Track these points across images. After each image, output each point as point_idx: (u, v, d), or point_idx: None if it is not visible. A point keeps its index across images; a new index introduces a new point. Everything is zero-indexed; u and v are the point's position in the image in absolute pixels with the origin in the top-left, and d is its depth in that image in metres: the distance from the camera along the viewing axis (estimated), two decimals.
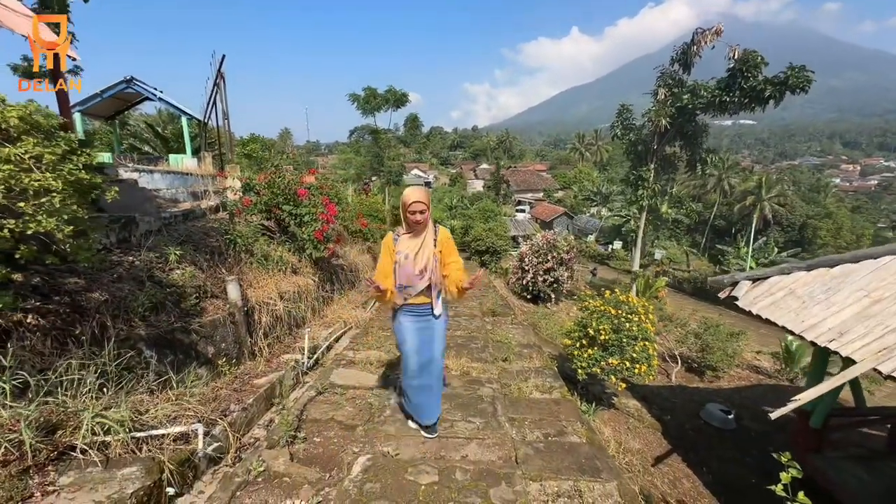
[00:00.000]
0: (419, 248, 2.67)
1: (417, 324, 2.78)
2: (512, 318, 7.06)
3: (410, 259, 2.65)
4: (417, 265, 2.66)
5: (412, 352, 2.78)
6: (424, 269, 2.67)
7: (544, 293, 11.78)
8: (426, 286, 2.70)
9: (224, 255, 4.48)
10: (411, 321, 2.78)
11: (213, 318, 3.60)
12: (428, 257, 2.68)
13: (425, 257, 2.67)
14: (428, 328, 2.78)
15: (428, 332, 2.78)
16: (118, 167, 6.85)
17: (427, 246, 2.69)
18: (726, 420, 5.68)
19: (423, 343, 2.78)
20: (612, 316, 4.42)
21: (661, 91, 12.06)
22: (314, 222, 5.75)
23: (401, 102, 27.71)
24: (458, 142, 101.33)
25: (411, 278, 2.66)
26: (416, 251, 2.66)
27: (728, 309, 21.59)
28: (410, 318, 2.78)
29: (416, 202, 2.58)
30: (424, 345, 2.78)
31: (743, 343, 8.95)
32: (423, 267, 2.66)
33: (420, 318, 2.77)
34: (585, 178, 54.67)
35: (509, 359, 4.64)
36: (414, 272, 2.65)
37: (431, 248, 2.70)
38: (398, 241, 2.71)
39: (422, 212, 2.60)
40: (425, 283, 2.69)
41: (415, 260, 2.66)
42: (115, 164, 7.26)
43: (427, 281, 2.69)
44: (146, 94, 12.16)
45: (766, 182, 42.08)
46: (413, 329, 2.77)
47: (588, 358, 4.45)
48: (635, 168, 12.94)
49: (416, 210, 2.59)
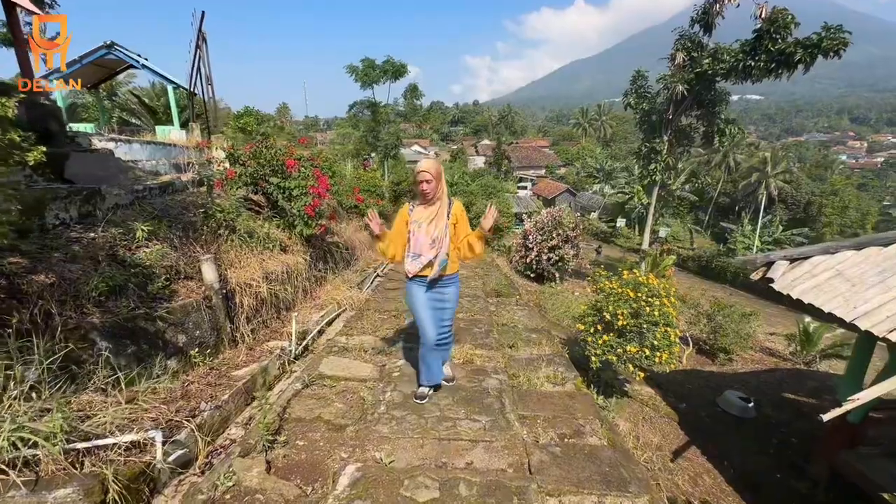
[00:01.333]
0: (433, 218, 2.73)
1: (428, 293, 2.83)
2: (517, 299, 6.67)
3: (423, 227, 2.72)
4: (430, 234, 2.71)
5: (428, 325, 2.82)
6: (437, 240, 2.71)
7: (548, 272, 11.37)
8: (434, 256, 2.72)
9: (201, 232, 4.04)
10: (423, 291, 2.83)
11: (184, 303, 3.19)
12: (441, 228, 2.72)
13: (438, 228, 2.72)
14: (440, 299, 2.86)
15: (440, 303, 2.86)
16: (92, 136, 6.35)
17: (441, 217, 2.74)
18: (745, 408, 5.35)
19: (436, 313, 2.86)
20: (631, 299, 4.02)
21: (679, 55, 11.16)
22: (304, 196, 5.28)
23: (399, 74, 26.63)
24: (458, 117, 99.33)
25: (422, 247, 2.72)
26: (430, 220, 2.73)
27: (735, 288, 21.28)
28: (422, 288, 2.83)
29: (422, 171, 2.65)
30: (437, 315, 2.86)
31: (755, 324, 8.59)
32: (434, 236, 2.71)
33: (430, 288, 2.83)
34: (588, 154, 53.64)
35: (516, 345, 4.25)
36: (426, 241, 2.71)
37: (445, 219, 2.75)
38: (413, 211, 2.80)
39: (427, 181, 2.65)
40: (434, 253, 2.72)
41: (427, 228, 2.72)
42: (90, 132, 6.75)
43: (436, 251, 2.72)
44: (128, 60, 11.47)
45: (773, 158, 41.14)
46: (426, 301, 2.83)
47: (603, 345, 4.06)
48: (648, 140, 12.16)
49: (421, 179, 2.66)
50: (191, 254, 3.74)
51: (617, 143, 65.05)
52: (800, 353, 7.96)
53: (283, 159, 5.39)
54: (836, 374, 6.69)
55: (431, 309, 2.84)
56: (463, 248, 2.82)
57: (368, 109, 27.69)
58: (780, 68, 9.64)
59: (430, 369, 2.99)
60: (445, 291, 2.87)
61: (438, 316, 2.87)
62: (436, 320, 2.85)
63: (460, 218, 2.83)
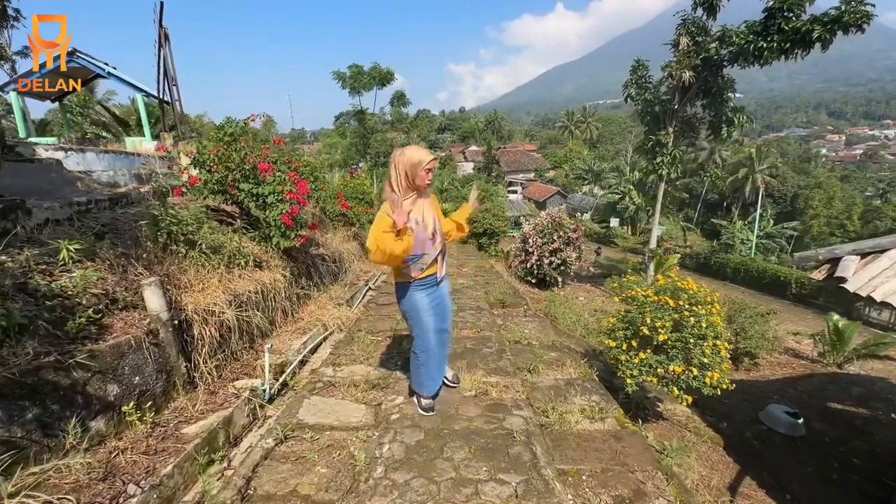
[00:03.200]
0: (424, 211, 2.46)
1: (431, 296, 2.60)
2: (525, 309, 6.01)
3: (421, 223, 2.43)
4: (428, 229, 2.46)
5: (433, 330, 2.62)
6: (435, 232, 2.49)
7: (551, 277, 10.75)
8: (438, 251, 2.54)
9: (149, 250, 3.32)
10: (426, 295, 2.58)
11: (118, 342, 2.46)
12: (435, 219, 2.51)
13: (432, 219, 2.49)
14: (439, 297, 2.66)
15: (441, 303, 2.67)
16: (37, 146, 5.60)
17: (428, 207, 2.50)
18: (794, 425, 4.73)
19: (438, 317, 2.66)
20: (671, 308, 3.39)
21: (682, 40, 10.53)
22: (281, 204, 4.58)
23: (386, 81, 26.15)
24: (445, 124, 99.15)
25: (425, 244, 2.45)
26: (422, 214, 2.45)
27: (736, 284, 20.89)
28: (424, 292, 2.57)
29: (433, 159, 2.41)
30: (440, 319, 2.68)
31: (774, 324, 8.03)
32: (433, 230, 2.48)
33: (432, 290, 2.60)
34: (576, 156, 53.67)
35: (536, 368, 3.58)
36: (427, 237, 2.45)
37: (431, 208, 2.52)
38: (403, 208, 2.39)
39: (431, 170, 2.42)
40: (438, 247, 2.53)
41: (424, 223, 2.44)
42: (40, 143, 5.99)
43: (439, 245, 2.53)
44: (93, 69, 10.69)
45: (758, 154, 41.31)
46: (429, 305, 2.59)
47: (640, 364, 3.42)
48: (652, 132, 11.57)
49: (429, 168, 2.39)
50: (135, 277, 3.01)
51: (604, 144, 65.24)
52: (830, 354, 7.40)
53: (255, 162, 4.70)
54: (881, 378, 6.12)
55: (434, 314, 2.62)
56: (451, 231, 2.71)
57: (355, 118, 27.12)
58: (795, 48, 9.07)
59: (434, 379, 2.79)
60: (444, 288, 2.71)
61: (441, 318, 2.68)
62: (439, 324, 2.66)
63: (437, 205, 2.64)
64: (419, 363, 2.71)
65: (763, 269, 20.65)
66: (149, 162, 6.43)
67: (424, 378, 2.75)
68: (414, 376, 2.83)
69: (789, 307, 14.60)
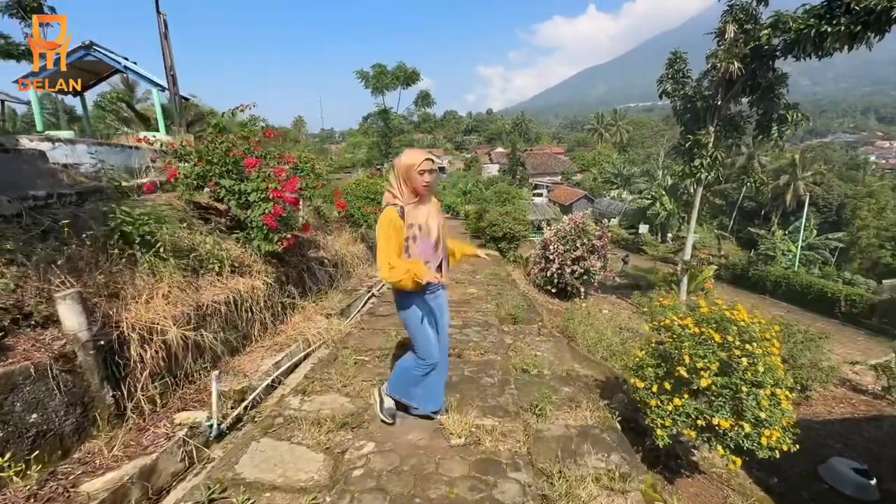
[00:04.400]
0: (428, 217, 2.32)
1: (432, 304, 2.47)
2: (539, 326, 5.36)
3: (425, 230, 2.30)
4: (432, 236, 2.33)
5: (435, 343, 2.47)
6: (439, 240, 2.37)
7: (573, 286, 9.99)
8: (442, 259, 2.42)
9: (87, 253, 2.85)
10: (427, 303, 2.44)
11: (7, 371, 1.98)
12: (439, 225, 2.38)
13: (437, 226, 2.36)
14: (439, 306, 2.53)
15: (440, 311, 2.55)
16: (22, 137, 5.32)
17: (433, 212, 2.37)
18: (865, 486, 3.88)
19: (440, 325, 2.54)
20: (717, 345, 2.69)
21: (729, 28, 9.45)
22: (265, 203, 4.08)
23: (411, 80, 25.87)
24: (472, 126, 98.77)
25: (429, 252, 2.33)
26: (426, 220, 2.32)
27: (776, 299, 19.44)
28: (426, 299, 2.43)
29: (428, 159, 2.25)
30: (441, 326, 2.56)
31: (827, 350, 7.04)
32: (437, 236, 2.35)
33: (433, 298, 2.48)
34: (605, 159, 52.15)
35: (544, 411, 2.94)
36: (430, 244, 2.33)
37: (436, 214, 2.39)
38: (407, 215, 2.28)
39: (432, 171, 2.27)
40: (440, 256, 2.41)
41: (428, 230, 2.31)
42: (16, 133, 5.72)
43: (441, 253, 2.41)
44: (110, 63, 10.63)
45: (802, 160, 38.92)
46: (430, 312, 2.45)
47: (674, 412, 2.73)
48: (690, 132, 10.51)
49: (427, 169, 2.24)
50: (58, 287, 2.54)
51: (634, 147, 63.33)
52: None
53: (238, 155, 4.23)
54: None
55: (434, 323, 2.47)
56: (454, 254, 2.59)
57: (380, 117, 26.92)
58: (867, 31, 7.78)
59: (438, 395, 2.65)
60: (442, 296, 2.58)
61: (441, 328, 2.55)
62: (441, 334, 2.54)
63: (440, 211, 2.48)
64: (416, 376, 2.53)
65: (808, 283, 19.07)
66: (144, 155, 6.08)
67: (426, 392, 2.60)
68: (403, 388, 2.62)
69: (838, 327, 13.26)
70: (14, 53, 17.22)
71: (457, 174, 50.98)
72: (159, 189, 4.96)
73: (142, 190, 4.91)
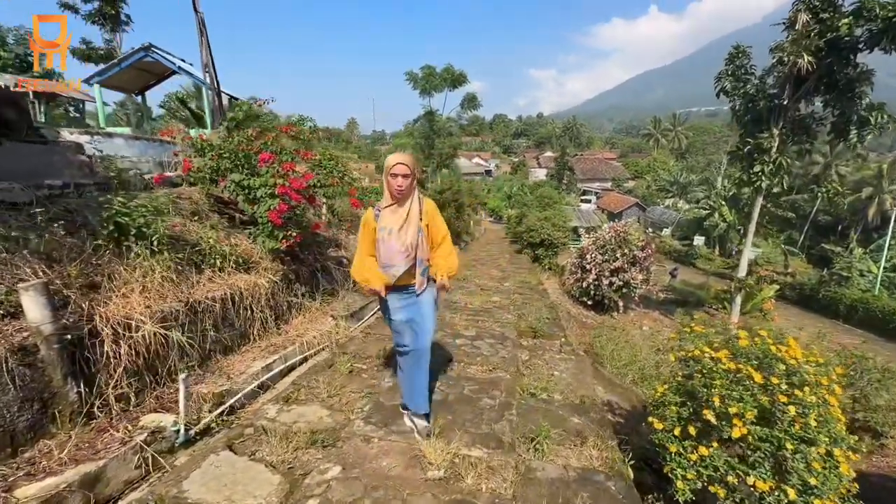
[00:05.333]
0: (403, 222, 2.33)
1: (404, 308, 2.45)
2: (561, 343, 4.90)
3: (394, 234, 2.32)
4: (402, 241, 2.32)
5: (403, 326, 2.44)
6: (410, 246, 2.33)
7: (610, 299, 9.34)
8: (411, 266, 2.37)
9: (70, 243, 2.81)
10: (400, 306, 2.44)
11: None
12: (413, 232, 2.34)
13: (410, 232, 2.33)
14: (416, 308, 2.46)
15: (418, 313, 2.45)
16: (63, 129, 5.60)
17: (412, 219, 2.34)
18: None
19: (408, 333, 2.46)
20: (756, 385, 2.20)
21: (801, 17, 8.23)
22: (271, 199, 3.98)
23: (458, 82, 25.87)
24: (521, 129, 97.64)
25: (394, 256, 2.33)
26: (401, 225, 2.32)
27: (851, 325, 17.39)
28: (398, 301, 2.44)
29: (398, 164, 2.25)
30: (412, 335, 2.46)
31: None
32: (409, 243, 2.33)
33: (407, 300, 2.45)
34: (661, 166, 49.52)
35: (541, 447, 2.55)
36: (399, 248, 2.32)
37: (417, 221, 2.36)
38: (380, 217, 2.35)
39: (405, 176, 2.26)
40: (410, 261, 2.36)
41: (398, 235, 2.32)
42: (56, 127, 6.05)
43: (412, 259, 2.36)
44: (166, 63, 11.25)
45: (889, 171, 34.78)
46: (400, 314, 2.44)
47: (700, 463, 2.27)
48: (750, 135, 9.38)
49: (398, 173, 2.24)
50: (32, 277, 2.49)
51: (693, 154, 59.71)
52: None
53: (250, 150, 4.16)
54: None
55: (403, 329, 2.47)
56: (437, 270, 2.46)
57: (425, 118, 27.08)
58: None
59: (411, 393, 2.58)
60: (420, 300, 2.47)
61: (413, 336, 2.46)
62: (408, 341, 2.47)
63: (433, 217, 2.46)
64: (400, 369, 2.61)
65: (891, 309, 16.83)
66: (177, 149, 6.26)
67: (404, 388, 2.64)
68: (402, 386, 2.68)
69: None
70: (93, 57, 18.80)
71: (502, 178, 50.40)
72: (184, 183, 5.05)
73: (169, 181, 5.01)
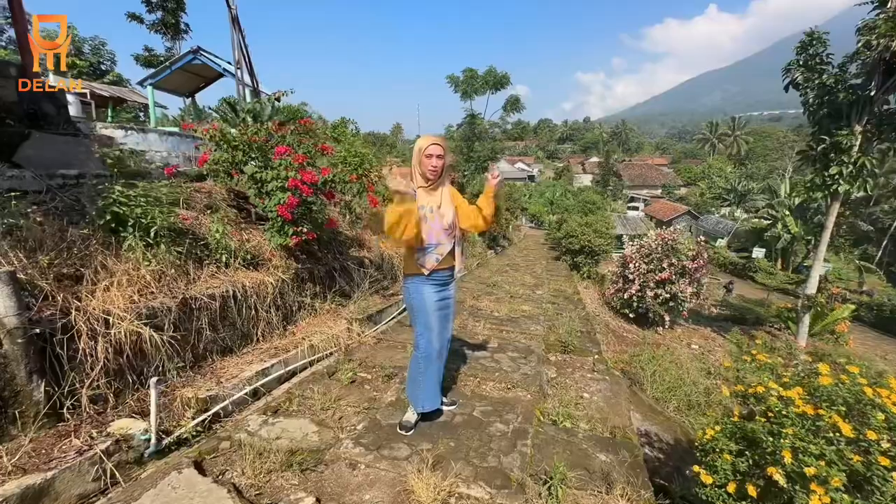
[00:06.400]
0: (440, 202, 2.36)
1: (440, 294, 2.43)
2: (595, 361, 4.38)
3: (436, 213, 2.32)
4: (444, 219, 2.34)
5: (437, 332, 2.43)
6: (451, 225, 2.37)
7: (655, 313, 8.56)
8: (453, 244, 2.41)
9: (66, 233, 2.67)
10: (436, 292, 2.41)
11: None
12: (451, 212, 2.38)
13: (449, 211, 2.37)
14: (446, 298, 2.48)
15: (446, 305, 2.49)
16: (98, 123, 5.74)
17: (447, 199, 2.39)
18: None
19: (442, 322, 2.47)
20: (846, 440, 1.67)
21: None
22: (281, 192, 3.77)
23: (501, 85, 25.38)
24: (567, 134, 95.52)
25: (440, 234, 2.34)
26: (439, 204, 2.35)
27: None
28: (435, 288, 2.41)
29: (433, 144, 2.29)
30: (445, 322, 2.50)
31: None
32: (450, 222, 2.36)
33: (442, 288, 2.45)
34: (716, 173, 46.47)
35: (556, 491, 2.11)
36: (443, 226, 2.34)
37: (451, 201, 2.40)
38: (416, 197, 2.23)
39: (439, 156, 2.29)
40: (452, 239, 2.40)
41: (439, 213, 2.33)
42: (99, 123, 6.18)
43: (453, 238, 2.41)
44: (212, 66, 11.65)
45: None
46: (436, 305, 2.41)
47: None
48: (826, 132, 8.29)
49: (433, 153, 2.28)
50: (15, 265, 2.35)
51: (754, 161, 55.78)
52: None
53: (263, 141, 3.98)
54: None
55: (439, 317, 2.44)
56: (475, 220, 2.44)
57: (467, 121, 26.84)
58: None
59: (429, 393, 2.52)
60: (451, 289, 2.52)
61: (444, 324, 2.49)
62: (441, 329, 2.47)
63: (458, 198, 2.47)
64: (419, 370, 2.49)
65: None
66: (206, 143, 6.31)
67: (420, 389, 2.51)
68: (410, 383, 2.58)
69: None
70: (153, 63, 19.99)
71: (545, 183, 49.22)
72: (208, 176, 5.00)
73: (187, 173, 4.96)
